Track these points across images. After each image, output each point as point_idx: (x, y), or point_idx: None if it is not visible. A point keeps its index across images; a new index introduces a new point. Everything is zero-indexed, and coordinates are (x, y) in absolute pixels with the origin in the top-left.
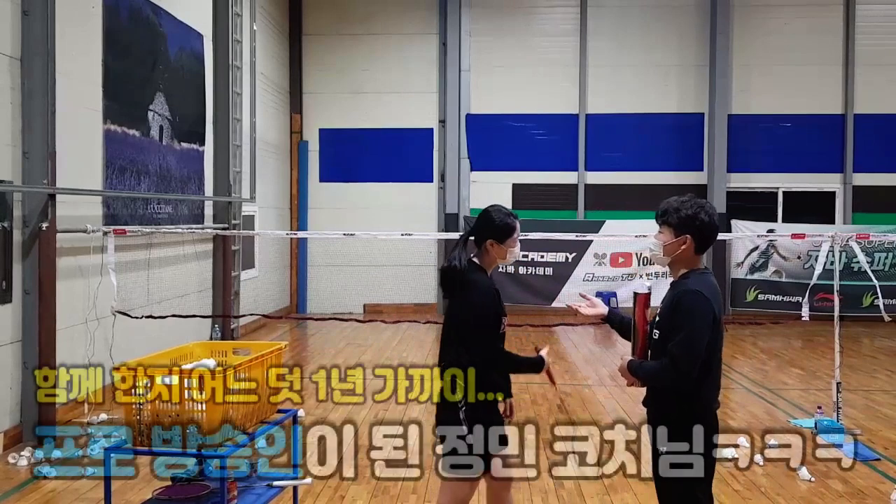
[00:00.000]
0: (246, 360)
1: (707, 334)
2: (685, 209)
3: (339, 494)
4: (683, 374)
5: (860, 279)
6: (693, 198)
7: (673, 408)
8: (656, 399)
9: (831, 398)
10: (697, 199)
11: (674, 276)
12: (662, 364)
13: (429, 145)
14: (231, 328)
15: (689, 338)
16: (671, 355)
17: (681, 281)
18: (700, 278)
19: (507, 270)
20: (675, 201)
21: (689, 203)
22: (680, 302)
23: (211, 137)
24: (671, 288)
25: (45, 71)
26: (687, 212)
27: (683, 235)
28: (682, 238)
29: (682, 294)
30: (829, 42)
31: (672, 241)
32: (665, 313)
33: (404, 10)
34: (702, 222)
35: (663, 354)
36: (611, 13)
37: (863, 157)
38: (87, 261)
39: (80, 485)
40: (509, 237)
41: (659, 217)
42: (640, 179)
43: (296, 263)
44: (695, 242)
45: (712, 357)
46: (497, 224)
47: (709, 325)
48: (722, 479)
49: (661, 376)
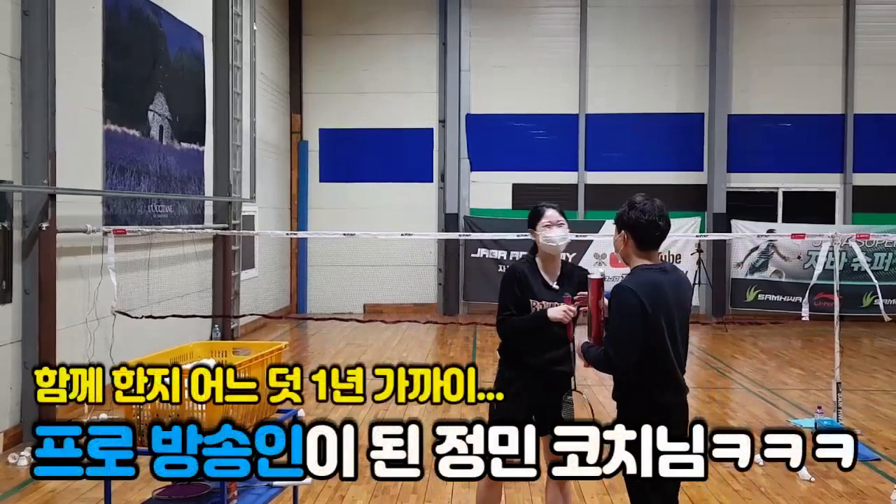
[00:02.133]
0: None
1: (635, 329)
2: (622, 207)
3: (339, 494)
4: (616, 367)
5: (860, 279)
6: (641, 197)
7: (621, 401)
8: (615, 390)
9: (831, 398)
10: (637, 197)
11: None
12: (603, 354)
13: (429, 145)
14: (231, 328)
15: (616, 332)
16: (605, 349)
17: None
18: (640, 274)
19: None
20: (626, 202)
21: (627, 202)
22: (612, 297)
23: (211, 137)
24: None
25: (46, 71)
26: (621, 210)
27: (621, 232)
28: (621, 235)
29: (613, 289)
30: (829, 42)
31: (617, 238)
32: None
33: (404, 10)
34: (630, 219)
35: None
36: (611, 13)
37: (863, 158)
38: (87, 261)
39: (80, 485)
40: (538, 221)
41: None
42: (640, 179)
43: (296, 263)
44: (632, 239)
45: (656, 352)
46: (530, 211)
47: (637, 320)
48: (722, 479)
49: (601, 367)
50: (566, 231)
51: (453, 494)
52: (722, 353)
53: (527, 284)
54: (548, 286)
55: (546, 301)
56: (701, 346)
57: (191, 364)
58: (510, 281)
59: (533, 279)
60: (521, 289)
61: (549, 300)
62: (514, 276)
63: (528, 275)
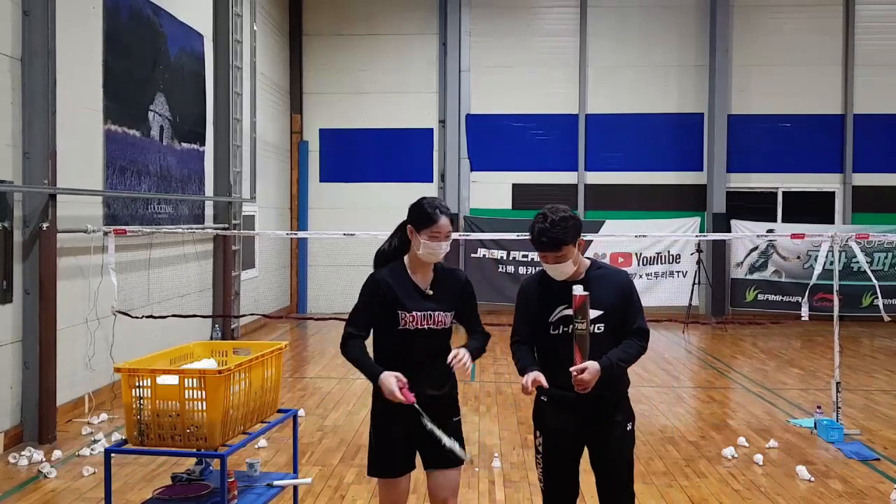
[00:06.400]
0: (246, 360)
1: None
2: (571, 221)
3: (339, 494)
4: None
5: (860, 279)
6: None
7: (624, 385)
8: (610, 383)
9: (831, 398)
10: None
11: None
12: (635, 343)
13: (429, 145)
14: (231, 328)
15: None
16: (643, 330)
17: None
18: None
19: (507, 271)
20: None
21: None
22: (630, 283)
23: (211, 137)
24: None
25: (46, 71)
26: (574, 222)
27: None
28: (579, 241)
29: (628, 277)
30: (829, 42)
31: (574, 249)
32: (614, 302)
33: (404, 11)
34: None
35: (614, 344)
36: (610, 13)
37: (862, 157)
38: (87, 261)
39: (80, 485)
40: (426, 227)
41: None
42: (640, 179)
43: (296, 263)
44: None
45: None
46: (417, 208)
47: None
48: (722, 479)
49: (640, 354)
50: (449, 243)
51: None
52: (722, 353)
53: (392, 295)
54: (420, 292)
55: (418, 312)
56: (701, 346)
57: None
58: (370, 293)
59: (400, 286)
60: (385, 301)
61: (422, 310)
62: (374, 288)
63: (392, 284)
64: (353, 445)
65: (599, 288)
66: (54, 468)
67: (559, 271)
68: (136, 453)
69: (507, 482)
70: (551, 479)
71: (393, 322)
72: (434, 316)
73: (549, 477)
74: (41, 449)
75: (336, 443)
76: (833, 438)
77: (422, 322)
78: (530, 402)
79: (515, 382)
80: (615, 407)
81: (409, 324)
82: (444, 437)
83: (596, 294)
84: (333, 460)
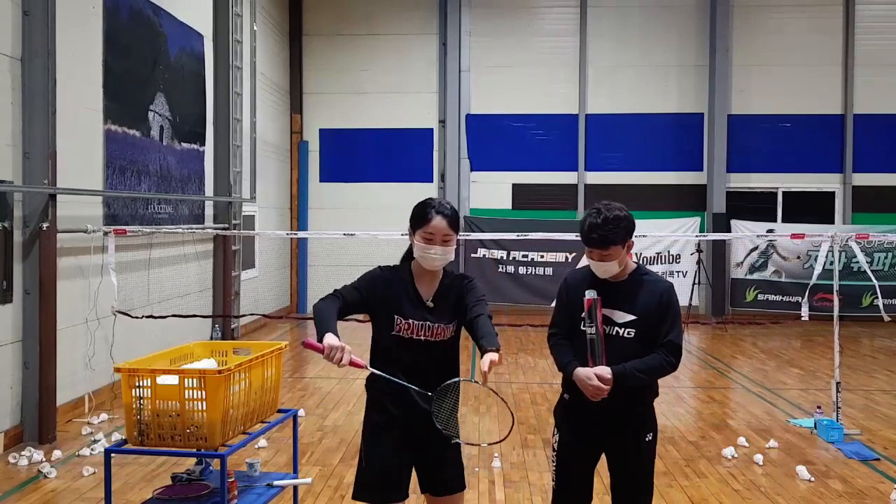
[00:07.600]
0: (246, 361)
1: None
2: (627, 221)
3: (339, 494)
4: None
5: (860, 279)
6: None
7: (649, 395)
8: (627, 399)
9: (831, 398)
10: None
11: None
12: (661, 357)
13: (429, 145)
14: (231, 328)
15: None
16: (674, 345)
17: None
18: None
19: (507, 271)
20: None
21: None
22: (671, 292)
23: (211, 137)
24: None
25: (46, 71)
26: (628, 221)
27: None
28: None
29: (669, 286)
30: (829, 42)
31: (622, 249)
32: (650, 310)
33: (404, 11)
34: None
35: (646, 352)
36: (610, 13)
37: (862, 158)
38: (87, 261)
39: (80, 485)
40: (420, 226)
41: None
42: (640, 179)
43: (296, 263)
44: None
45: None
46: (416, 207)
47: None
48: (722, 479)
49: (665, 369)
50: (450, 251)
51: None
52: (722, 353)
53: (390, 296)
54: (421, 303)
55: (414, 321)
56: (701, 346)
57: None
58: (365, 285)
59: (401, 290)
60: (385, 296)
61: (419, 319)
62: (370, 283)
63: (393, 284)
64: (353, 445)
65: (638, 293)
66: (54, 468)
67: (603, 269)
68: (136, 453)
69: (507, 482)
70: (563, 480)
71: (388, 325)
72: (433, 328)
73: (561, 477)
74: (41, 449)
75: (336, 443)
76: (833, 438)
77: (418, 332)
78: (530, 402)
79: (516, 382)
80: (635, 416)
81: (403, 331)
82: (438, 404)
83: (632, 299)
84: (333, 460)
